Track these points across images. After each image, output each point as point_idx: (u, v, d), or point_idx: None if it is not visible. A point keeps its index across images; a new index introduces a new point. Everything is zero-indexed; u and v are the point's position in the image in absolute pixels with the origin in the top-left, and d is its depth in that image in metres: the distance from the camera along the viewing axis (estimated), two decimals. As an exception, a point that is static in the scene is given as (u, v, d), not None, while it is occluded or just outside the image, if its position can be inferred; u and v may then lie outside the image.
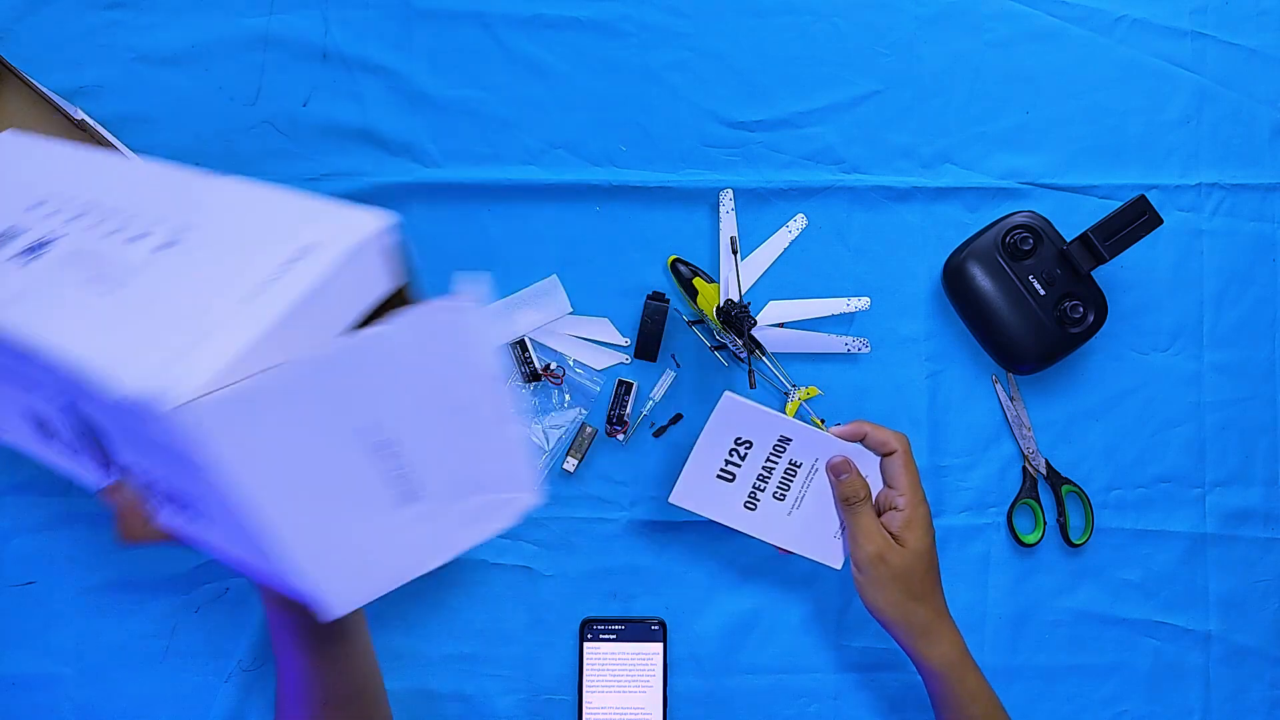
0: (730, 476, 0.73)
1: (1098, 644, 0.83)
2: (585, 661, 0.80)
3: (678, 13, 0.85)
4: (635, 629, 0.81)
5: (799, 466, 0.73)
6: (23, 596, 0.80)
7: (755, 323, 0.79)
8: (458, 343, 0.43)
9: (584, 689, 0.80)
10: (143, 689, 0.80)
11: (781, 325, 0.82)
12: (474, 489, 0.47)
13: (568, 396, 0.82)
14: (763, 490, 0.74)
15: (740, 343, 0.79)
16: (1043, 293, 0.81)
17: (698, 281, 0.81)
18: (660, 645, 0.81)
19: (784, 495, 0.74)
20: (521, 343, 0.82)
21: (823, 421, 0.82)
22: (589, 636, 0.81)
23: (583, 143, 0.84)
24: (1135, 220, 0.79)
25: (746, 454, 0.73)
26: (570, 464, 0.81)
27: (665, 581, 0.82)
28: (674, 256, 0.83)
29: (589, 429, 0.82)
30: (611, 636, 0.81)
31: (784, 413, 0.83)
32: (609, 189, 0.84)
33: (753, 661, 0.82)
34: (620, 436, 0.82)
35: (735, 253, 0.82)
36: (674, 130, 0.84)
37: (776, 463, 0.73)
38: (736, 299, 0.80)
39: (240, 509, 0.40)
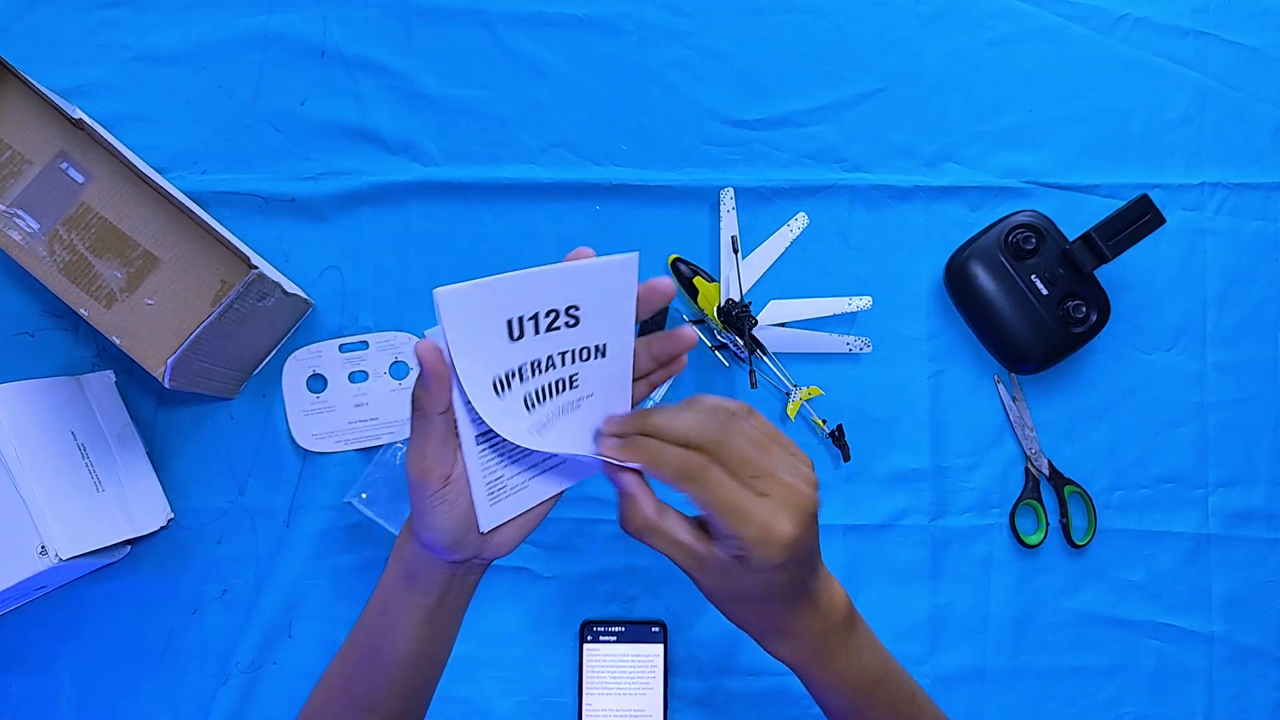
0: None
1: (1100, 645, 0.83)
2: (585, 663, 0.80)
3: (678, 11, 0.85)
4: (635, 631, 0.81)
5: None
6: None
7: (756, 322, 0.79)
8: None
9: (584, 691, 0.80)
10: (141, 691, 0.79)
11: (783, 325, 0.82)
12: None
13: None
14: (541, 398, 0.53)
15: (741, 342, 0.79)
16: (1045, 292, 0.80)
17: (698, 281, 0.81)
18: (661, 647, 0.80)
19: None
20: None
21: (824, 422, 0.82)
22: (589, 638, 0.80)
23: (583, 142, 0.84)
24: (1138, 219, 0.79)
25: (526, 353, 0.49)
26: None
27: (665, 583, 0.82)
28: (674, 256, 0.82)
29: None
30: (612, 638, 0.80)
31: (787, 414, 0.82)
32: (609, 188, 0.83)
33: (753, 663, 0.81)
34: (620, 437, 0.82)
35: (736, 252, 0.81)
36: (674, 129, 0.84)
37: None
38: (737, 298, 0.80)
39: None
